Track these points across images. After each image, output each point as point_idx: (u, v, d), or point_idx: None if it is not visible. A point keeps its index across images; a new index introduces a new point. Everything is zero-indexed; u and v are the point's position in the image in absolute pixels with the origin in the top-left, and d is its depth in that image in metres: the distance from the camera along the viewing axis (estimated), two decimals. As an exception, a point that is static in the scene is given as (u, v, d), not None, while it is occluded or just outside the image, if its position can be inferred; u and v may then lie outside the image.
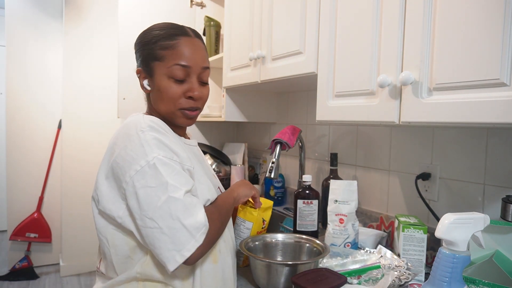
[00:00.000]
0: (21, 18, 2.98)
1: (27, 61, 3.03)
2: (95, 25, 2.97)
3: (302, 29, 1.17)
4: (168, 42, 0.83)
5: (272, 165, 1.35)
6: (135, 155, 0.74)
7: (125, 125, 0.81)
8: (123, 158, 0.75)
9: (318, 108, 1.10)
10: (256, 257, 0.91)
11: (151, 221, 0.72)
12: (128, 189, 0.74)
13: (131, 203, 0.74)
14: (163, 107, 0.86)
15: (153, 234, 0.72)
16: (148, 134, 0.76)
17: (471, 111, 0.69)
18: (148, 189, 0.72)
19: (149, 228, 0.72)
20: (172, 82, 0.83)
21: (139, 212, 0.73)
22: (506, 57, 0.64)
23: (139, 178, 0.73)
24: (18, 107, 3.02)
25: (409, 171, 1.22)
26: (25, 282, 2.90)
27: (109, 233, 0.80)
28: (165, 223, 0.71)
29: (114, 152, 0.77)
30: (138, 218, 0.73)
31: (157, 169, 0.73)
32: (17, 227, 2.99)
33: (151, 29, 0.88)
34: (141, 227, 0.73)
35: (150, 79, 0.86)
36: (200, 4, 2.08)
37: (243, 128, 2.33)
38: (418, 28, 0.79)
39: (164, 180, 0.72)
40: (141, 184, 0.72)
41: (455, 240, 0.68)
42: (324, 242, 1.02)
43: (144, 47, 0.86)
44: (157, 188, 0.72)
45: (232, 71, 1.64)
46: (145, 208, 0.72)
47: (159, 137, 0.77)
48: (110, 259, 0.81)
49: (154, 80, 0.85)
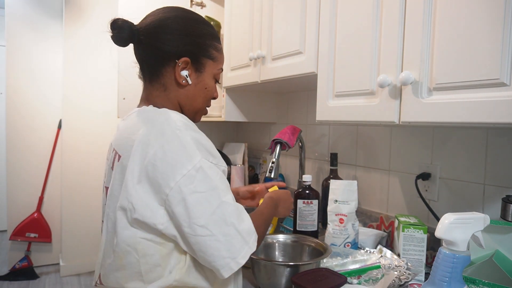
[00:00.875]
0: (21, 18, 2.98)
1: (27, 61, 3.03)
2: (95, 25, 2.97)
3: (302, 29, 1.17)
4: (219, 45, 0.85)
5: (272, 165, 1.35)
6: (178, 157, 0.68)
7: (154, 122, 0.73)
8: (163, 160, 0.68)
9: (318, 108, 1.10)
10: (257, 258, 0.91)
11: (203, 228, 0.67)
12: (173, 195, 0.67)
13: (177, 210, 0.67)
14: (200, 103, 0.86)
15: (205, 242, 0.67)
16: (187, 134, 0.71)
17: (471, 111, 0.69)
18: (198, 194, 0.68)
19: (200, 236, 0.67)
20: (213, 83, 0.87)
21: (187, 220, 0.67)
22: (506, 57, 0.64)
23: (187, 183, 0.67)
24: (18, 107, 3.02)
25: (409, 171, 1.22)
26: (25, 282, 2.90)
27: (140, 242, 0.71)
28: (219, 230, 0.68)
29: (148, 153, 0.69)
30: (186, 225, 0.67)
31: (205, 173, 0.69)
32: (17, 227, 2.99)
33: (199, 22, 0.83)
34: (189, 235, 0.68)
35: (194, 73, 0.82)
36: (200, 4, 2.08)
37: (243, 128, 2.33)
38: (418, 28, 0.79)
39: (214, 184, 0.69)
40: (190, 189, 0.67)
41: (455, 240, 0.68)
42: (324, 242, 1.02)
43: (198, 39, 0.81)
44: (208, 194, 0.68)
45: (232, 71, 1.64)
46: (196, 216, 0.67)
47: (197, 137, 0.72)
48: (137, 269, 0.72)
49: (202, 76, 0.83)
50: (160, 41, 0.78)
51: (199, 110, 0.87)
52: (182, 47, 0.79)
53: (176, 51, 0.79)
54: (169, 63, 0.79)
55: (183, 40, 0.79)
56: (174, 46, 0.79)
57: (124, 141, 0.76)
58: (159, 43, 0.78)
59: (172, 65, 0.79)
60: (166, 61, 0.79)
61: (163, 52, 0.79)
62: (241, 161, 2.06)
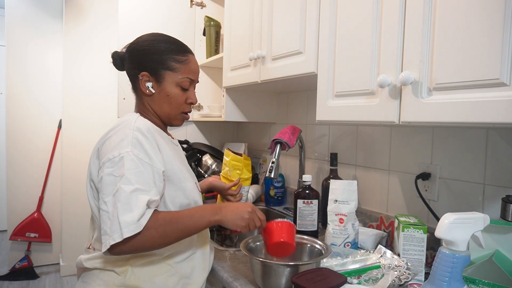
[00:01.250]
0: (21, 18, 2.98)
1: (27, 61, 3.03)
2: (95, 25, 2.97)
3: (302, 29, 1.17)
4: (181, 57, 0.98)
5: (272, 165, 1.35)
6: (114, 145, 0.87)
7: (121, 121, 0.95)
8: (106, 146, 0.89)
9: (318, 108, 1.10)
10: (257, 258, 0.91)
11: (105, 204, 0.82)
12: (100, 173, 0.86)
13: (99, 185, 0.86)
14: (168, 109, 1.00)
15: (103, 216, 0.82)
16: (132, 133, 0.88)
17: (471, 111, 0.69)
18: (111, 177, 0.83)
19: (102, 210, 0.82)
20: (179, 90, 0.99)
21: (101, 195, 0.84)
22: (506, 57, 0.64)
23: (108, 165, 0.85)
24: (18, 107, 3.02)
25: (409, 171, 1.22)
26: (25, 282, 2.90)
27: (97, 211, 0.92)
28: (111, 209, 0.81)
29: (103, 139, 0.93)
30: (100, 199, 0.85)
31: (123, 162, 0.83)
32: (17, 227, 2.99)
33: (158, 41, 0.99)
34: (99, 207, 0.85)
35: (156, 83, 0.98)
36: (200, 4, 2.08)
37: (243, 128, 2.33)
38: (418, 28, 0.79)
39: (123, 173, 0.82)
40: (108, 171, 0.84)
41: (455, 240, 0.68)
42: (324, 242, 1.02)
43: (154, 55, 0.97)
44: (117, 178, 0.82)
45: (232, 71, 1.64)
46: (105, 193, 0.83)
47: (140, 138, 0.87)
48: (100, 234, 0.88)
49: (163, 86, 0.98)
50: (130, 62, 1.00)
51: (170, 114, 1.01)
52: (143, 64, 0.98)
53: (138, 67, 0.98)
54: (136, 78, 0.99)
55: (143, 58, 0.98)
56: (136, 64, 0.99)
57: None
58: (129, 64, 1.00)
59: (139, 79, 0.98)
60: (134, 77, 0.99)
61: (132, 70, 1.00)
62: (241, 161, 2.05)
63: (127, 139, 0.87)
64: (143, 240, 0.81)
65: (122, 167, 0.83)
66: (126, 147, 0.85)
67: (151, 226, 0.81)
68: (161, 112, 1.00)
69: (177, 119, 1.03)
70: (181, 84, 0.98)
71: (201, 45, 2.10)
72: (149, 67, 0.97)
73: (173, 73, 0.97)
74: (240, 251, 1.17)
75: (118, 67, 1.05)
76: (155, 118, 1.01)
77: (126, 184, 0.81)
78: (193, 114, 2.12)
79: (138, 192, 0.82)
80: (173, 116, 1.01)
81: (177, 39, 1.03)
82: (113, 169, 0.84)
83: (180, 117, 1.03)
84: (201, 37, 2.09)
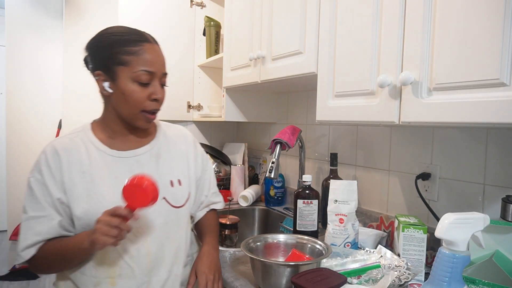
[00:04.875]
0: (21, 18, 2.98)
1: (27, 61, 3.03)
2: (96, 25, 2.94)
3: (302, 29, 1.17)
4: (132, 48, 0.87)
5: (272, 165, 1.35)
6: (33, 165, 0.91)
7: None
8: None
9: (318, 108, 1.10)
10: (257, 258, 0.91)
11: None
12: None
13: None
14: (126, 109, 0.91)
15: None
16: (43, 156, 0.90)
17: (471, 111, 0.69)
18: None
19: None
20: (136, 86, 0.88)
21: None
22: (506, 57, 0.64)
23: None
24: (18, 107, 3.02)
25: (409, 171, 1.22)
26: (25, 282, 2.90)
27: None
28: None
29: None
30: None
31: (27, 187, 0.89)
32: (17, 227, 2.99)
33: (109, 33, 0.91)
34: None
35: (111, 82, 0.89)
36: (200, 4, 2.08)
37: (243, 128, 2.33)
38: (418, 28, 0.79)
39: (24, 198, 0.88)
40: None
41: (455, 240, 0.68)
42: (324, 242, 1.02)
43: (104, 50, 0.89)
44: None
45: (232, 71, 1.64)
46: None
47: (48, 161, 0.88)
48: None
49: (117, 83, 0.88)
50: (89, 62, 0.93)
51: (129, 115, 0.92)
52: (94, 62, 0.91)
53: (92, 67, 0.92)
54: (94, 79, 0.93)
55: (94, 56, 0.91)
56: (91, 64, 0.92)
57: None
58: (89, 63, 0.93)
59: (96, 80, 0.92)
60: (93, 78, 0.93)
61: (91, 70, 0.93)
62: (241, 161, 2.06)
63: (37, 161, 0.91)
64: (34, 267, 0.89)
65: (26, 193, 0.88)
66: (31, 171, 0.90)
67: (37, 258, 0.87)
68: (122, 113, 0.92)
69: (138, 119, 0.91)
70: (137, 79, 0.87)
71: (201, 45, 2.10)
72: (102, 64, 0.89)
73: (126, 67, 0.87)
74: (240, 251, 1.17)
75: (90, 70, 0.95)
76: (116, 122, 0.94)
77: (23, 212, 0.88)
78: (193, 114, 2.12)
79: (30, 222, 0.86)
80: (133, 116, 0.91)
81: (131, 28, 0.92)
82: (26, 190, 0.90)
83: (141, 117, 0.91)
84: (201, 37, 2.09)
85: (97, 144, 0.93)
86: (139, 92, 0.88)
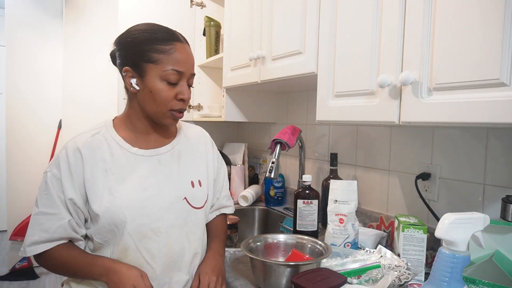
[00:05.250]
0: (21, 18, 2.98)
1: (27, 61, 3.03)
2: (95, 25, 2.97)
3: (302, 29, 1.17)
4: (164, 47, 0.87)
5: (272, 165, 1.35)
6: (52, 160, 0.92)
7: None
8: None
9: (318, 108, 1.10)
10: (257, 258, 0.91)
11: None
12: None
13: None
14: (154, 107, 0.90)
15: None
16: (63, 151, 0.89)
17: (471, 111, 0.69)
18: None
19: None
20: (165, 85, 0.88)
21: None
22: (505, 57, 0.64)
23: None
24: (18, 107, 3.02)
25: (409, 171, 1.22)
26: (25, 282, 2.90)
27: None
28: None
29: None
30: None
31: (42, 181, 0.89)
32: (17, 227, 2.99)
33: (141, 30, 0.90)
34: None
35: (139, 79, 0.89)
36: (200, 4, 2.08)
37: (243, 128, 2.33)
38: (418, 28, 0.79)
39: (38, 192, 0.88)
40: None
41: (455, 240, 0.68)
42: (324, 242, 1.02)
43: (134, 47, 0.88)
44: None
45: (232, 71, 1.64)
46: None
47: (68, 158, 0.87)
48: None
49: (145, 81, 0.88)
50: (118, 58, 0.93)
51: (156, 113, 0.91)
52: (124, 58, 0.90)
53: (121, 63, 0.91)
54: (121, 75, 0.92)
55: (124, 52, 0.91)
56: (121, 59, 0.91)
57: None
58: (117, 59, 0.93)
59: (123, 76, 0.91)
60: (120, 74, 0.92)
61: (118, 66, 0.93)
62: (241, 161, 2.06)
63: (56, 157, 0.90)
64: (40, 263, 0.90)
65: (41, 187, 0.89)
66: (50, 165, 0.89)
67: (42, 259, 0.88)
68: (149, 111, 0.91)
69: (165, 117, 0.91)
70: (166, 77, 0.87)
71: (201, 45, 2.10)
72: (131, 61, 0.89)
73: (155, 65, 0.86)
74: (240, 251, 1.17)
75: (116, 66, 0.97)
76: (141, 120, 0.94)
77: (35, 206, 0.88)
78: (193, 114, 2.12)
79: (40, 217, 0.86)
80: (160, 114, 0.90)
81: (163, 26, 0.92)
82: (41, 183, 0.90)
83: (169, 115, 0.91)
84: (201, 37, 2.09)
85: (120, 141, 0.92)
86: (166, 91, 0.88)
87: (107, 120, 0.97)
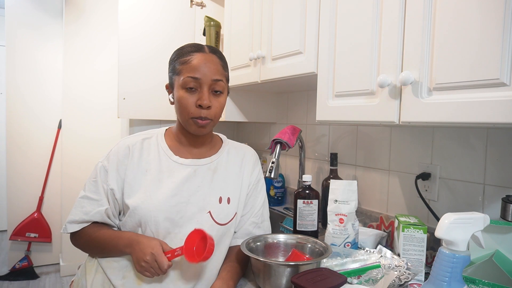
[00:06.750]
0: (21, 18, 2.98)
1: (27, 61, 3.03)
2: (96, 25, 2.97)
3: (302, 29, 1.17)
4: (184, 58, 0.94)
5: (272, 165, 1.35)
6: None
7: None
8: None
9: (318, 108, 1.10)
10: (257, 258, 0.91)
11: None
12: None
13: None
14: (180, 116, 0.97)
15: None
16: (116, 147, 0.98)
17: (471, 111, 0.69)
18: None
19: None
20: (184, 92, 0.93)
21: None
22: (505, 57, 0.64)
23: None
24: (18, 107, 3.02)
25: (409, 171, 1.22)
26: (25, 282, 2.90)
27: None
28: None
29: None
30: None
31: (94, 170, 0.99)
32: (17, 227, 2.99)
33: (176, 49, 0.99)
34: None
35: (172, 92, 0.98)
36: (200, 4, 2.08)
37: (243, 128, 2.33)
38: (418, 28, 0.79)
39: (88, 177, 0.99)
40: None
41: (455, 240, 0.68)
42: (324, 242, 1.02)
43: (168, 65, 0.99)
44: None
45: (232, 71, 1.64)
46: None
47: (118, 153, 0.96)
48: None
49: (174, 93, 0.96)
50: None
51: (183, 120, 0.96)
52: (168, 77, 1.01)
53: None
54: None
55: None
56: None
57: None
58: None
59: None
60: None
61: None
62: (241, 161, 2.06)
63: (110, 151, 0.99)
64: (73, 241, 0.99)
65: (91, 174, 0.98)
66: (103, 157, 0.98)
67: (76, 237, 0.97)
68: (180, 122, 0.98)
69: (189, 124, 0.95)
70: (184, 85, 0.92)
71: (201, 45, 2.10)
72: (168, 78, 1.00)
73: (178, 76, 0.94)
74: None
75: None
76: (182, 132, 1.00)
77: (82, 189, 0.98)
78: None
79: (84, 200, 0.95)
80: (185, 122, 0.96)
81: (196, 43, 0.99)
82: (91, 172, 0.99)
83: (191, 123, 0.94)
84: (201, 37, 2.09)
85: (165, 148, 1.00)
86: (186, 98, 0.92)
87: (160, 130, 1.05)
